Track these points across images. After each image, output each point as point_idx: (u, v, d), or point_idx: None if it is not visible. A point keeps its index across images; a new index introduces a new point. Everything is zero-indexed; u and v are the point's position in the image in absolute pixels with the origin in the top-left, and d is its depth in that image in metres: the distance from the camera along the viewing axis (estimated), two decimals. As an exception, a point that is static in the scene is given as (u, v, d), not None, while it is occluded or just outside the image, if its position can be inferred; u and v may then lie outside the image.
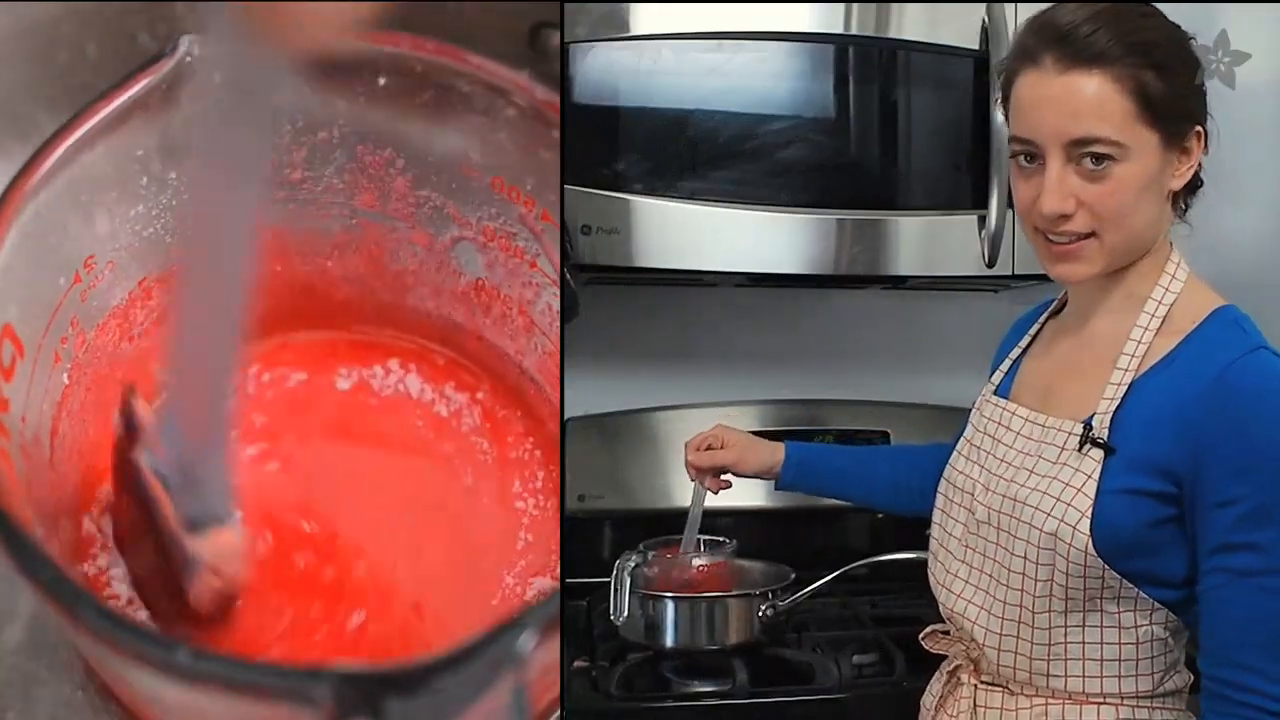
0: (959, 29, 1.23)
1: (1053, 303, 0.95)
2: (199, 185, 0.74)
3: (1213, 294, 0.84)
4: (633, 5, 1.19)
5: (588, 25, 1.18)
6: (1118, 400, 0.81)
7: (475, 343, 0.95)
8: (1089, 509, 0.79)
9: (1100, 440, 0.80)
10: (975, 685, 0.88)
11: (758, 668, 1.15)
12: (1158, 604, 0.81)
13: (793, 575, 1.20)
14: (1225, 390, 0.77)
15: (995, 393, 0.93)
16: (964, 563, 0.88)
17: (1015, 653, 0.84)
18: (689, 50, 1.20)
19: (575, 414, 1.42)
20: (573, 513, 1.39)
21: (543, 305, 0.90)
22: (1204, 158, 0.83)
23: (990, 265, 1.25)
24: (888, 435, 1.45)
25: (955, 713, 0.89)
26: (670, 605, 1.16)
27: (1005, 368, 0.95)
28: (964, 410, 0.95)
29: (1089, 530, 0.79)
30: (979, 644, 0.86)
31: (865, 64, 1.25)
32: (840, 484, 1.12)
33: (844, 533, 1.49)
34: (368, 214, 0.90)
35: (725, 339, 1.52)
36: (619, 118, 1.21)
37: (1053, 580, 0.81)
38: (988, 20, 1.22)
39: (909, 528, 0.95)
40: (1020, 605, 0.83)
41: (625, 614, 1.13)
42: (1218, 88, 1.42)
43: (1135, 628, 0.81)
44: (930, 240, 1.26)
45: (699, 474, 1.11)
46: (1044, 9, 0.83)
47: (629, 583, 1.13)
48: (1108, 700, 0.83)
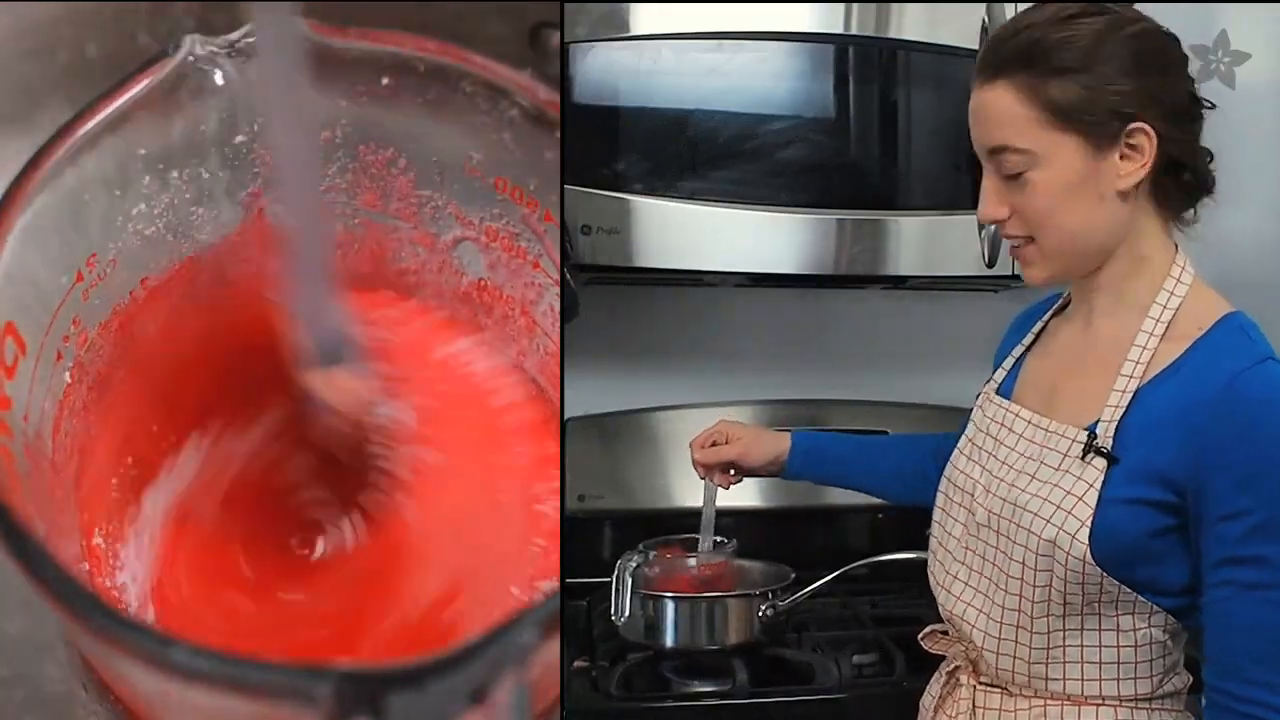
0: (959, 29, 1.23)
1: (1057, 300, 0.95)
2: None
3: (1219, 299, 0.83)
4: (633, 5, 1.19)
5: (588, 25, 1.18)
6: (1123, 408, 0.80)
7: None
8: (1089, 518, 0.79)
9: (1104, 450, 0.80)
10: (974, 686, 0.87)
11: (758, 668, 1.15)
12: (1157, 607, 0.81)
13: (793, 575, 1.20)
14: (1232, 401, 0.76)
15: (998, 391, 0.92)
16: (963, 564, 0.88)
17: (1014, 656, 0.84)
18: (689, 50, 1.20)
19: (575, 414, 1.42)
20: (573, 513, 1.39)
21: (545, 306, 0.90)
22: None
23: (990, 265, 1.25)
24: (887, 435, 1.45)
25: (954, 714, 0.88)
26: (670, 605, 1.16)
27: (1008, 365, 0.94)
28: (964, 410, 0.95)
29: (1088, 539, 0.78)
30: (978, 646, 0.86)
31: (865, 64, 1.25)
32: (846, 472, 1.12)
33: (844, 533, 1.49)
34: (370, 214, 0.89)
35: (725, 339, 1.52)
36: (619, 118, 1.21)
37: (1051, 585, 0.81)
38: (988, 20, 1.22)
39: (909, 528, 0.95)
40: (1019, 610, 0.83)
41: (626, 614, 1.13)
42: (1218, 88, 1.42)
43: (1134, 630, 0.81)
44: (930, 240, 1.26)
45: (707, 471, 1.11)
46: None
47: (630, 583, 1.13)
48: (1106, 702, 0.82)
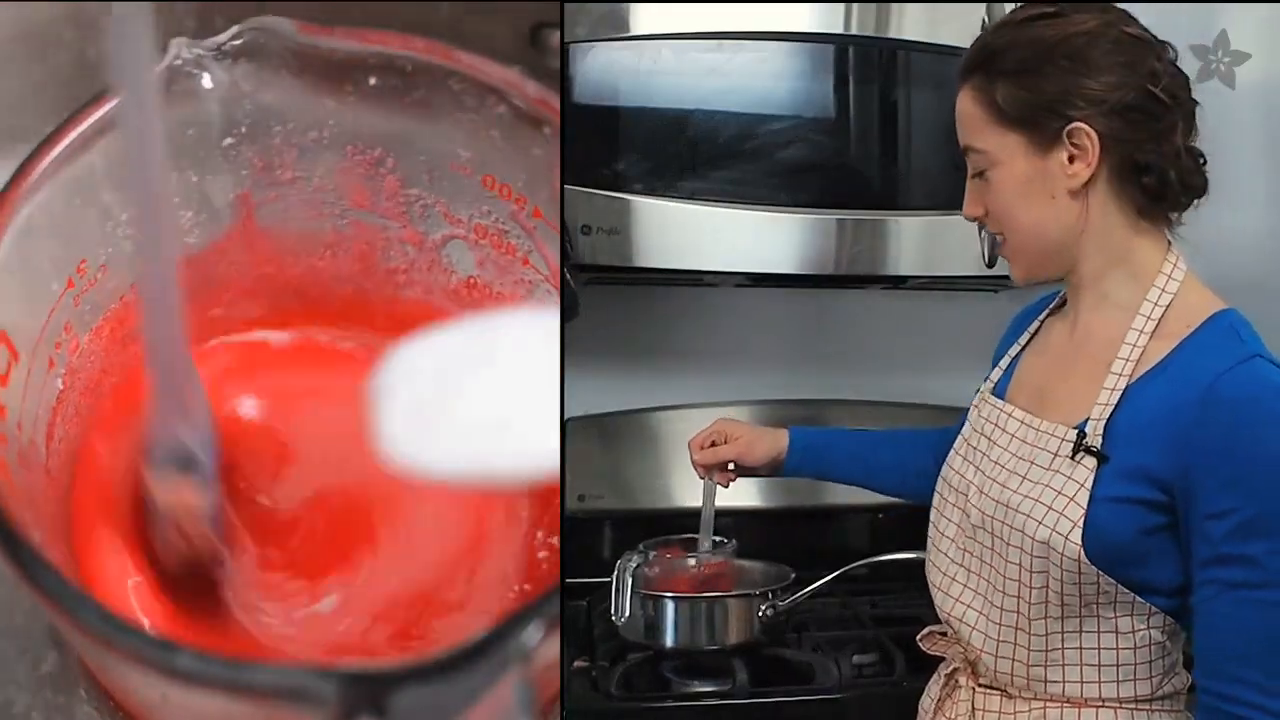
0: (959, 29, 1.23)
1: (1054, 299, 0.95)
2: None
3: (1212, 297, 0.83)
4: (633, 5, 1.19)
5: (588, 25, 1.18)
6: (1111, 406, 0.80)
7: None
8: (1080, 518, 0.79)
9: (1094, 449, 0.80)
10: (973, 688, 0.87)
11: (758, 668, 1.15)
12: (1154, 609, 0.80)
13: (793, 575, 1.20)
14: (1217, 400, 0.75)
15: (993, 391, 0.92)
16: (960, 566, 0.88)
17: (1012, 659, 0.84)
18: (689, 50, 1.20)
19: (575, 414, 1.42)
20: (573, 513, 1.39)
21: (535, 303, 0.90)
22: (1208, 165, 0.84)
23: (990, 265, 1.23)
24: (892, 430, 1.45)
25: (953, 716, 0.88)
26: (670, 605, 1.15)
27: (1004, 365, 0.94)
28: (964, 410, 0.95)
29: (1080, 539, 0.78)
30: (976, 648, 0.86)
31: (865, 64, 1.25)
32: (845, 468, 1.12)
33: (844, 533, 1.49)
34: (358, 213, 0.89)
35: (725, 339, 1.52)
36: (619, 118, 1.21)
37: (1047, 587, 0.80)
38: (988, 20, 1.22)
39: (909, 528, 0.95)
40: (1016, 611, 0.83)
41: (626, 614, 1.13)
42: (1218, 88, 1.42)
43: (1133, 632, 0.81)
44: (930, 240, 1.26)
45: (706, 471, 1.11)
46: None
47: (630, 583, 1.13)
48: (1106, 704, 0.82)
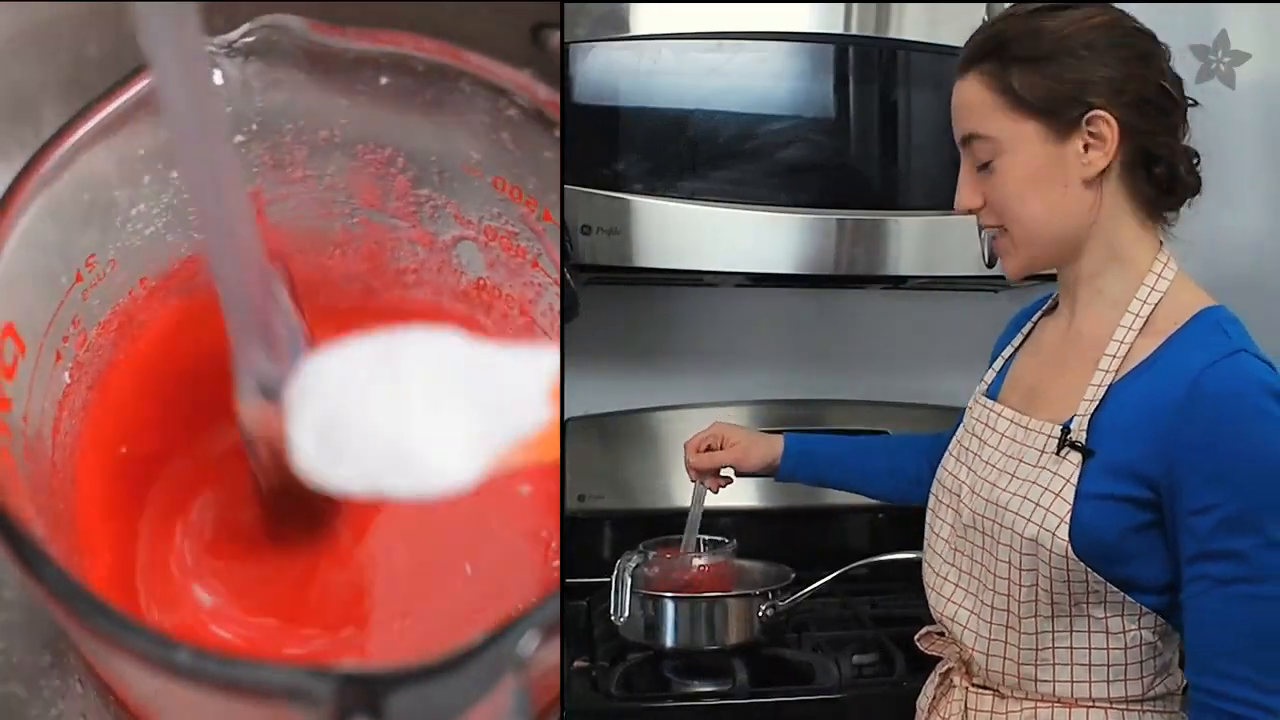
0: (959, 29, 1.22)
1: (1048, 300, 0.95)
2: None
3: (1201, 294, 0.83)
4: (633, 5, 1.19)
5: (588, 25, 1.18)
6: (1096, 402, 0.80)
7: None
8: (1067, 514, 0.79)
9: (1078, 443, 0.80)
10: (966, 688, 0.88)
11: (758, 668, 1.15)
12: (1145, 609, 0.80)
13: (793, 575, 1.20)
14: (1201, 394, 0.75)
15: (986, 393, 0.93)
16: (953, 566, 0.88)
17: (1004, 657, 0.84)
18: (689, 50, 1.20)
19: (575, 414, 1.42)
20: (573, 513, 1.40)
21: (544, 305, 0.90)
22: (1203, 164, 0.84)
23: (990, 265, 1.23)
24: (882, 435, 1.45)
25: (947, 715, 0.89)
26: (670, 605, 1.15)
27: (998, 366, 0.95)
28: (963, 411, 0.95)
29: (1068, 536, 0.78)
30: (968, 647, 0.86)
31: (865, 64, 1.25)
32: (840, 473, 1.12)
33: (844, 533, 1.49)
34: (368, 213, 0.89)
35: (725, 339, 1.52)
36: (619, 118, 1.21)
37: (1037, 585, 0.81)
38: (987, 20, 1.21)
39: (909, 528, 0.95)
40: (1007, 610, 0.83)
41: (626, 614, 1.13)
42: (1218, 88, 1.42)
43: (1124, 633, 0.81)
44: (930, 240, 1.26)
45: (699, 475, 1.11)
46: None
47: (630, 583, 1.13)
48: (1097, 704, 0.82)
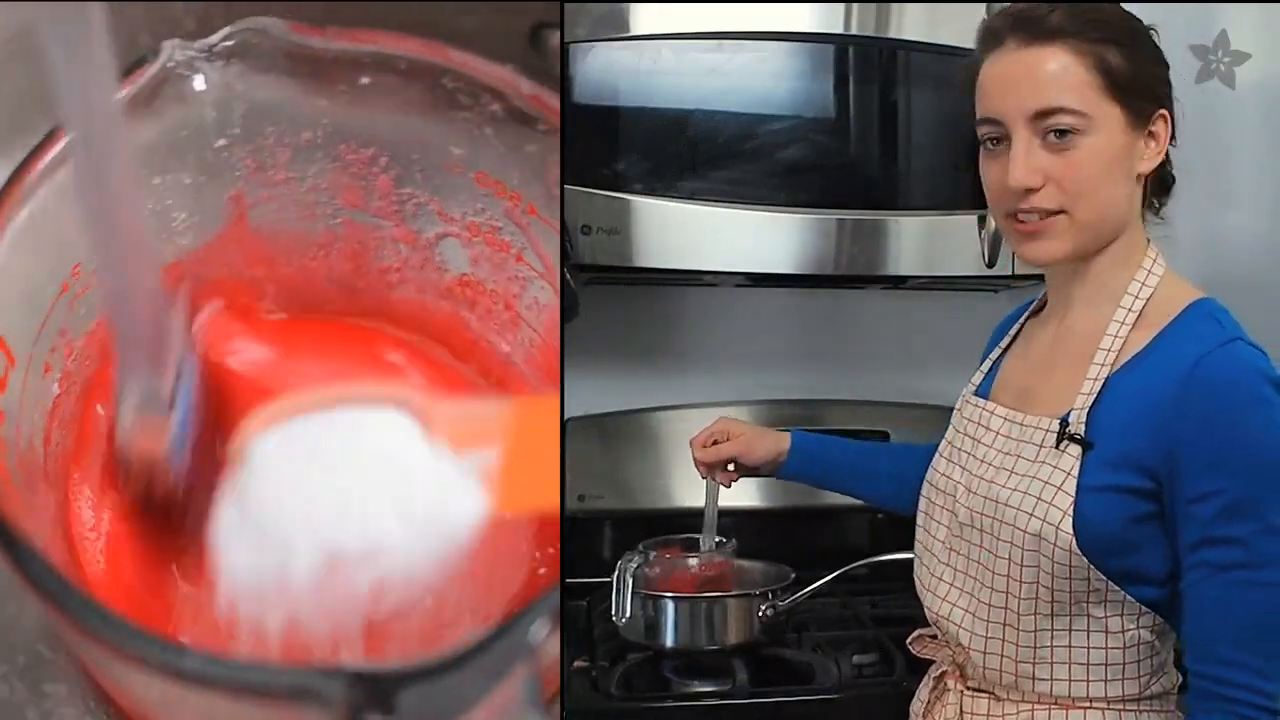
0: (959, 29, 1.23)
1: (1033, 303, 0.95)
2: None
3: (1190, 288, 0.84)
4: (633, 5, 1.19)
5: (588, 25, 1.18)
6: (1094, 395, 0.81)
7: (462, 338, 0.95)
8: (1070, 507, 0.79)
9: (1077, 436, 0.80)
10: (961, 691, 0.87)
11: (758, 668, 1.15)
12: (1144, 608, 0.81)
13: (793, 575, 1.20)
14: (1197, 384, 0.76)
15: (975, 393, 0.93)
16: (948, 565, 0.88)
17: (1001, 655, 0.84)
18: (689, 50, 1.20)
19: (575, 414, 1.42)
20: (573, 513, 1.39)
21: (530, 299, 0.90)
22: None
23: (990, 265, 1.25)
24: (888, 435, 1.45)
25: (941, 719, 0.89)
26: (670, 605, 1.15)
27: (986, 368, 0.95)
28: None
29: (1071, 529, 0.79)
30: (965, 648, 0.86)
31: (865, 64, 1.25)
32: (843, 477, 1.12)
33: (844, 533, 1.49)
34: (351, 213, 0.89)
35: (725, 339, 1.52)
36: (619, 118, 1.21)
37: (1038, 582, 0.81)
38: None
39: (909, 528, 0.95)
40: (1005, 608, 0.83)
41: (626, 614, 1.13)
42: (1218, 88, 1.42)
43: (1122, 632, 0.81)
44: (930, 240, 1.26)
45: (708, 470, 1.11)
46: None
47: (630, 583, 1.13)
48: (1094, 704, 0.82)
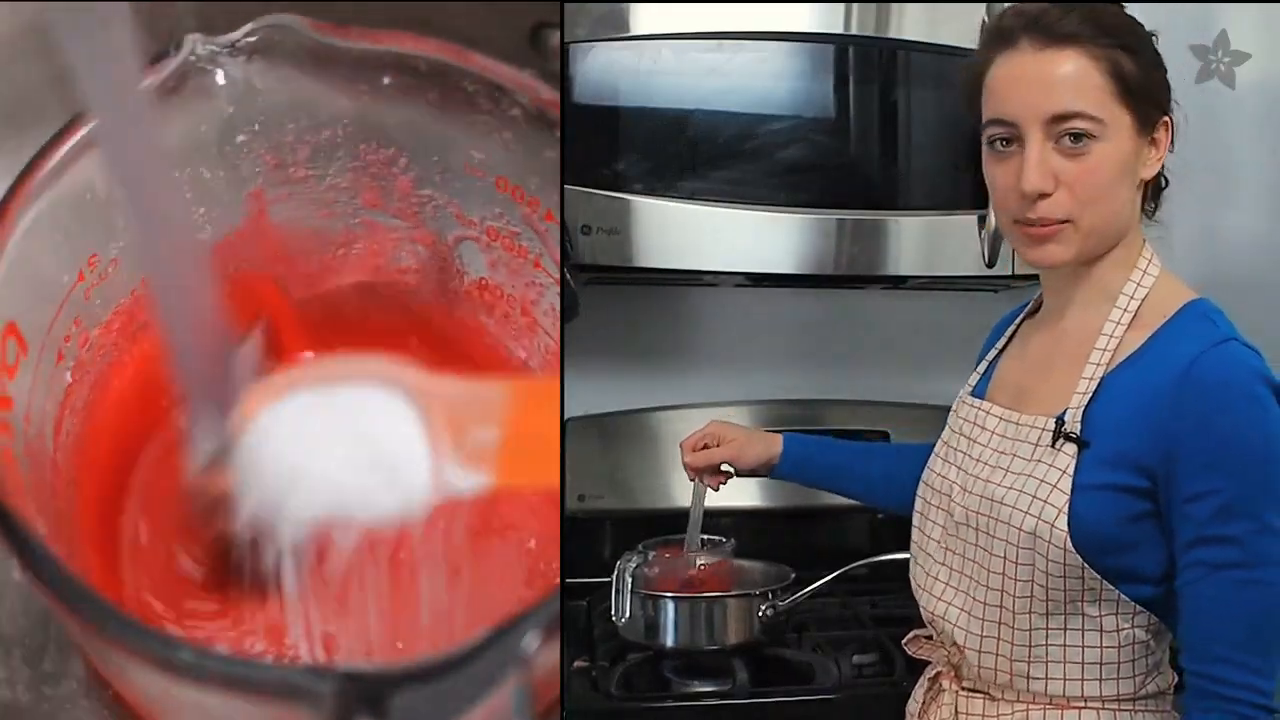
0: (959, 29, 1.23)
1: (1029, 303, 0.95)
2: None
3: (1185, 288, 0.84)
4: (633, 5, 1.19)
5: (588, 25, 1.18)
6: (1089, 395, 0.81)
7: (479, 342, 0.95)
8: (1065, 505, 0.79)
9: (1073, 435, 0.80)
10: (956, 692, 0.87)
11: (758, 668, 1.15)
12: (1139, 607, 0.81)
13: (793, 575, 1.20)
14: (1192, 383, 0.76)
15: (971, 393, 0.93)
16: (944, 565, 0.88)
17: (996, 654, 0.84)
18: (689, 50, 1.20)
19: (575, 414, 1.42)
20: (573, 513, 1.39)
21: (546, 305, 0.90)
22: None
23: (990, 265, 1.25)
24: (888, 435, 1.45)
25: (936, 719, 0.89)
26: (670, 605, 1.15)
27: (982, 369, 0.95)
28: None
29: (1067, 527, 0.79)
30: (960, 647, 0.86)
31: (865, 64, 1.25)
32: (837, 478, 1.12)
33: (844, 533, 1.49)
34: (371, 213, 0.89)
35: (725, 339, 1.52)
36: (619, 118, 1.21)
37: (1033, 580, 0.81)
38: (988, 20, 1.22)
39: (909, 528, 0.95)
40: (1000, 606, 0.83)
41: (626, 614, 1.13)
42: (1218, 88, 1.42)
43: (1117, 631, 0.81)
44: (930, 240, 1.26)
45: (697, 473, 1.11)
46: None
47: (630, 583, 1.13)
48: (1089, 704, 0.82)
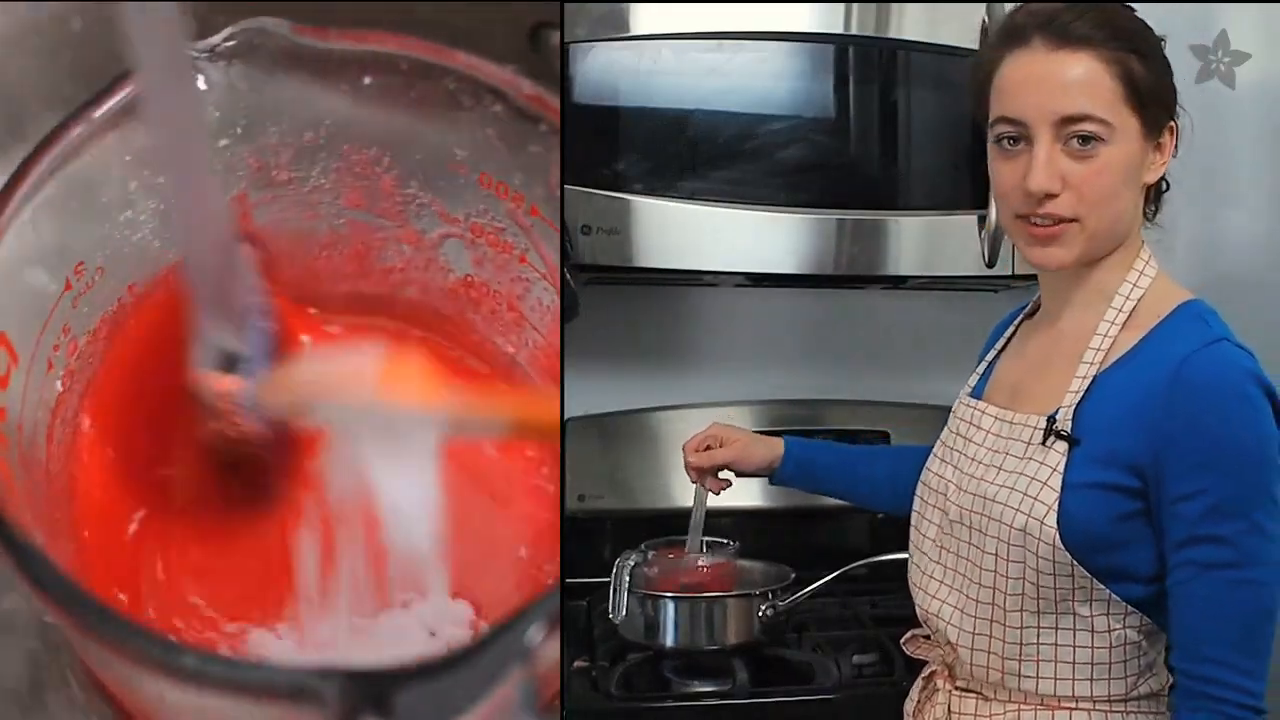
0: (959, 29, 1.23)
1: (1027, 305, 0.96)
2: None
3: (1180, 290, 0.84)
4: (633, 5, 1.19)
5: (588, 25, 1.18)
6: (1081, 393, 0.81)
7: (466, 339, 0.95)
8: (1055, 503, 0.79)
9: (1063, 432, 0.81)
10: (950, 691, 0.88)
11: (758, 668, 1.15)
12: (1131, 608, 0.81)
13: (793, 575, 1.20)
14: (1184, 383, 0.77)
15: (969, 394, 0.94)
16: (938, 563, 0.89)
17: (988, 652, 0.84)
18: (689, 50, 1.20)
19: (575, 414, 1.42)
20: (573, 513, 1.39)
21: (533, 300, 0.90)
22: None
23: (990, 265, 1.25)
24: (888, 435, 1.45)
25: (930, 719, 0.89)
26: (670, 605, 1.15)
27: (981, 370, 0.96)
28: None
29: (1056, 524, 0.79)
30: (953, 645, 0.86)
31: (865, 64, 1.25)
32: (837, 482, 1.12)
33: (844, 533, 1.49)
34: (355, 213, 0.89)
35: (725, 339, 1.52)
36: (619, 118, 1.21)
37: (1024, 579, 0.81)
38: (988, 20, 1.22)
39: (909, 528, 0.95)
40: (992, 604, 0.83)
41: (624, 613, 1.13)
42: (1218, 88, 1.42)
43: (1108, 631, 0.81)
44: (930, 240, 1.26)
45: (699, 475, 1.11)
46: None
47: (628, 581, 1.13)
48: (1080, 704, 0.83)
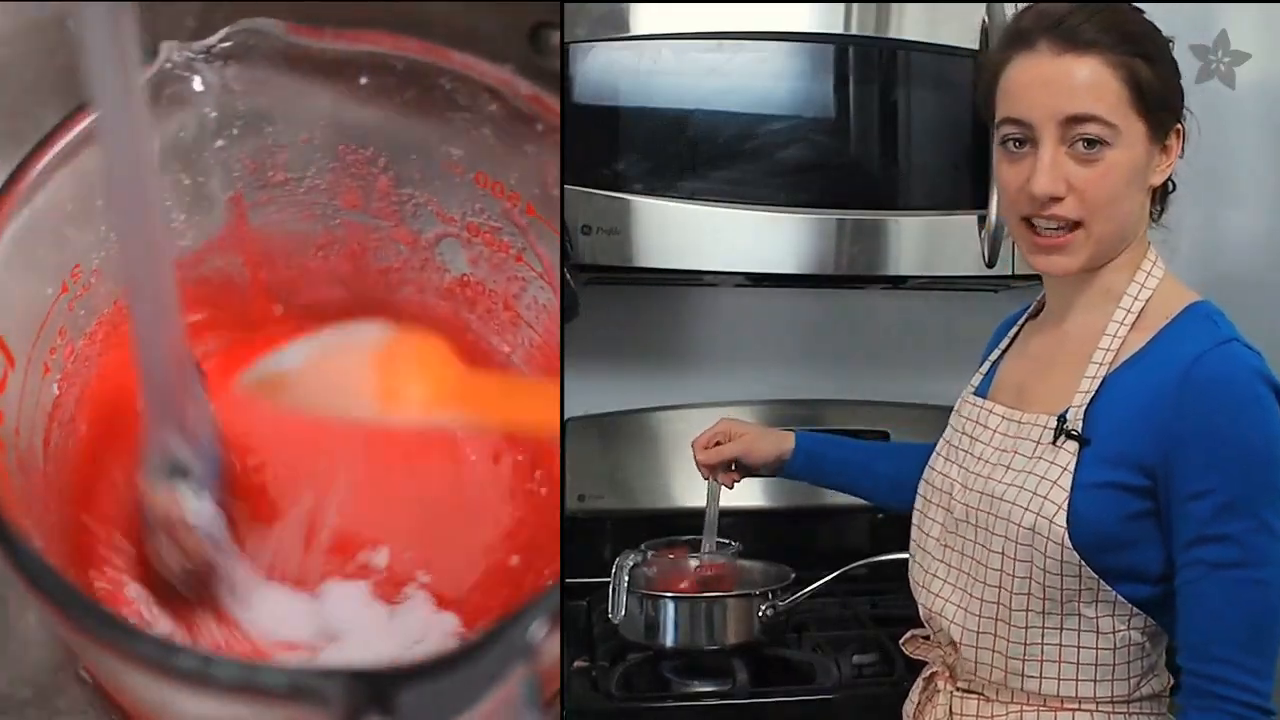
0: (959, 29, 1.23)
1: (1031, 305, 0.96)
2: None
3: (1188, 291, 0.84)
4: (633, 5, 1.19)
5: (588, 25, 1.18)
6: (1091, 394, 0.81)
7: (463, 339, 0.95)
8: (1065, 502, 0.79)
9: (1074, 432, 0.81)
10: (951, 692, 0.88)
11: (758, 668, 1.15)
12: (1135, 609, 0.81)
13: (793, 575, 1.20)
14: (1194, 383, 0.77)
15: (974, 393, 0.93)
16: (942, 562, 0.89)
17: (992, 651, 0.84)
18: (689, 50, 1.20)
19: (575, 414, 1.42)
20: (573, 513, 1.39)
21: (529, 299, 0.90)
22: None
23: (990, 265, 1.25)
24: (888, 435, 1.45)
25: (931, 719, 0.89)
26: (670, 605, 1.16)
27: (984, 369, 0.95)
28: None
29: (1065, 523, 0.79)
30: (956, 644, 0.86)
31: (865, 64, 1.25)
32: (845, 476, 1.12)
33: (844, 533, 1.49)
34: (351, 214, 0.89)
35: (725, 339, 1.52)
36: (619, 118, 1.21)
37: (1030, 578, 0.81)
38: (988, 20, 1.22)
39: (909, 528, 0.95)
40: (998, 603, 0.83)
41: (623, 612, 1.13)
42: (1218, 88, 1.42)
43: (1113, 633, 0.81)
44: (930, 240, 1.26)
45: (710, 471, 1.11)
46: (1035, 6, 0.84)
47: (627, 581, 1.13)
48: (1083, 705, 0.83)
